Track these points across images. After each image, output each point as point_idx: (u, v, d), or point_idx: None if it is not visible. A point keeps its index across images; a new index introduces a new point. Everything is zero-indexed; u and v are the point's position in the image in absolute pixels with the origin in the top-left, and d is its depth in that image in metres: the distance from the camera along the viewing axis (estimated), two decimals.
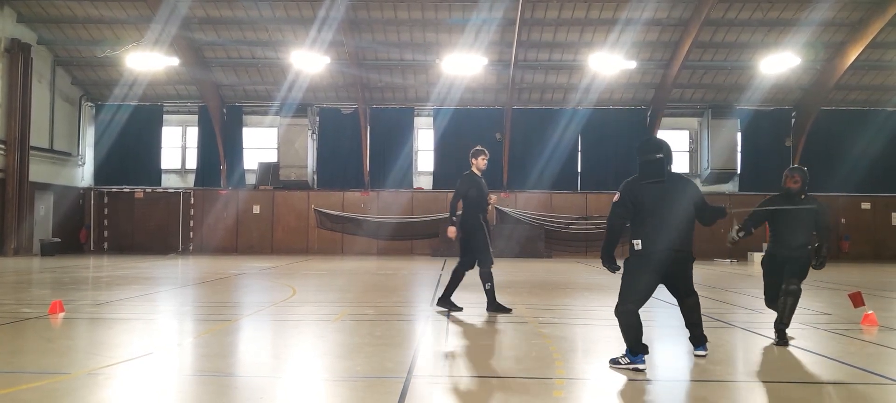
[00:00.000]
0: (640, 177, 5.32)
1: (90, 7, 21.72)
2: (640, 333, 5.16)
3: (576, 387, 4.65)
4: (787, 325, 6.35)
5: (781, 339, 6.30)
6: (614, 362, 5.28)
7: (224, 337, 6.51)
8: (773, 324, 6.46)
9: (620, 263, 5.33)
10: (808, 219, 6.48)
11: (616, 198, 5.34)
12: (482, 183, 8.34)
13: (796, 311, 6.75)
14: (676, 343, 6.23)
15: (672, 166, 5.39)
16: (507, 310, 8.21)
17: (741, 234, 6.59)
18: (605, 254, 5.38)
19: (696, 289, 5.53)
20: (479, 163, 8.42)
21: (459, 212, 8.44)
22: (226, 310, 8.74)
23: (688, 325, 5.60)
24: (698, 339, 5.61)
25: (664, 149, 5.32)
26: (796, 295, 6.36)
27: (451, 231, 8.31)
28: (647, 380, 4.93)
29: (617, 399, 4.46)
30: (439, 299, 8.50)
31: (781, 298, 6.38)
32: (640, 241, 5.20)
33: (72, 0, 21.48)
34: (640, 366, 5.14)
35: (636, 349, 5.14)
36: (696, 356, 5.59)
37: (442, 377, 4.97)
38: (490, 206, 8.46)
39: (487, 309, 8.22)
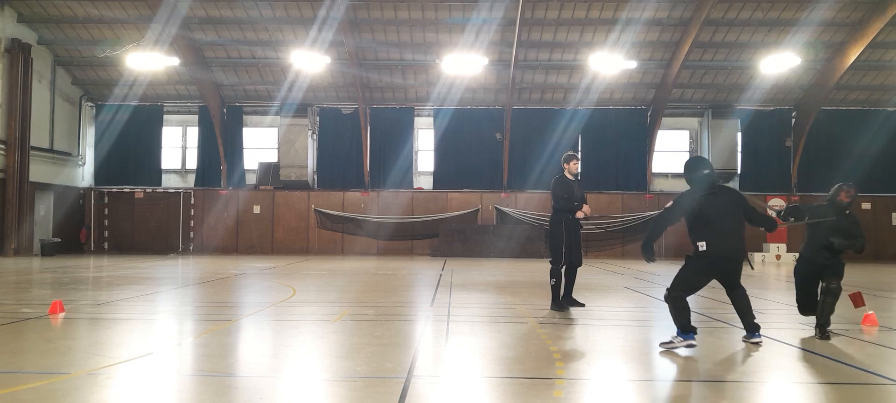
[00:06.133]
0: (694, 191, 6.18)
1: (90, 7, 21.72)
2: (689, 315, 5.96)
3: (576, 387, 4.65)
4: (826, 323, 6.67)
5: (823, 335, 6.60)
6: (666, 344, 5.94)
7: (224, 337, 6.51)
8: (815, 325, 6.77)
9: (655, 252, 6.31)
10: (845, 232, 6.87)
11: (669, 205, 6.24)
12: (573, 186, 8.58)
13: (796, 311, 6.81)
14: (674, 340, 6.22)
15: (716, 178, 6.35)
16: (565, 308, 8.41)
17: (782, 214, 7.22)
18: (646, 245, 6.27)
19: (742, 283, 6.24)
20: (571, 168, 8.67)
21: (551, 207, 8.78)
22: (226, 310, 8.74)
23: (739, 314, 6.31)
24: (750, 326, 6.21)
25: (708, 165, 6.33)
26: (836, 295, 6.73)
27: (586, 209, 8.57)
28: (647, 380, 4.94)
29: (617, 399, 4.46)
30: (563, 299, 8.53)
31: (821, 297, 6.80)
32: (704, 243, 6.01)
33: (72, 0, 21.49)
34: (693, 342, 5.89)
35: (687, 328, 5.91)
36: (751, 343, 6.17)
37: (442, 377, 4.97)
38: (582, 212, 8.55)
39: (551, 307, 8.53)
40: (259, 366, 5.42)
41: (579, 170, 8.96)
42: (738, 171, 25.62)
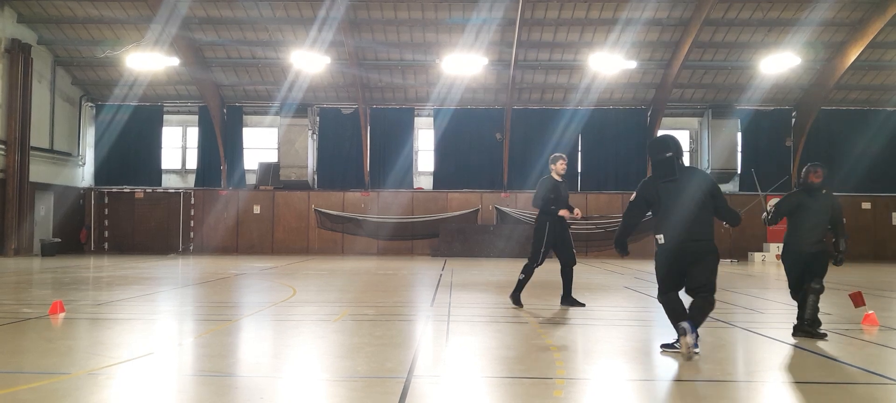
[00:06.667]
0: (654, 176, 5.67)
1: (90, 7, 21.73)
2: (684, 311, 5.53)
3: (576, 387, 4.65)
4: (809, 320, 6.60)
5: (810, 332, 6.55)
6: (668, 346, 5.70)
7: (224, 337, 6.51)
8: (797, 324, 6.69)
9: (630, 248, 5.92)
10: (825, 215, 6.74)
11: (632, 197, 5.76)
12: (560, 187, 8.70)
13: (796, 311, 6.82)
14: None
15: (683, 160, 5.70)
16: (519, 305, 8.66)
17: (769, 220, 7.01)
18: (617, 241, 5.91)
19: (714, 297, 5.53)
20: (558, 168, 8.75)
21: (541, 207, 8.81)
22: (226, 310, 8.74)
23: (690, 309, 5.52)
24: (691, 317, 5.41)
25: (672, 146, 5.62)
26: (819, 294, 6.65)
27: (577, 212, 8.68)
28: (647, 380, 4.94)
29: (617, 399, 4.46)
30: (563, 299, 8.89)
31: (805, 295, 6.67)
32: (662, 236, 5.53)
33: (72, 0, 21.49)
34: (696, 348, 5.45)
35: (685, 317, 5.44)
36: (680, 325, 5.35)
37: (442, 377, 4.97)
38: (571, 214, 8.70)
39: (511, 295, 8.86)
40: (259, 366, 5.42)
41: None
42: (738, 171, 25.63)
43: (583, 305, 8.79)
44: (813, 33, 22.13)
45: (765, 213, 7.09)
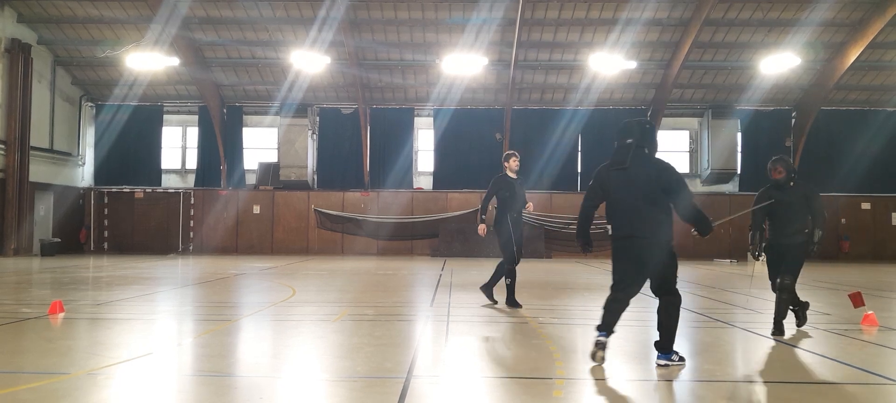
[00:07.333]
0: (609, 163, 5.32)
1: (90, 7, 21.72)
2: (610, 317, 5.26)
3: (576, 387, 4.65)
4: (783, 317, 6.67)
5: (778, 330, 6.65)
6: (663, 361, 5.25)
7: (224, 337, 6.51)
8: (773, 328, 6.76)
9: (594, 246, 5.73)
10: (801, 205, 6.73)
11: (591, 182, 5.46)
12: (515, 184, 8.83)
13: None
14: (676, 344, 6.21)
15: (651, 149, 5.22)
16: (518, 306, 8.64)
17: (758, 252, 6.99)
18: (577, 234, 5.65)
19: (678, 291, 5.21)
20: (511, 165, 8.94)
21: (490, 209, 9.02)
22: (226, 310, 8.74)
23: (657, 326, 5.24)
24: (661, 346, 5.20)
25: (635, 132, 5.18)
26: (789, 291, 6.66)
27: (481, 228, 8.94)
28: (647, 380, 4.93)
29: (616, 399, 4.46)
30: (482, 286, 9.12)
31: (777, 294, 6.72)
32: (611, 226, 5.30)
33: (72, 0, 21.48)
34: (603, 339, 5.21)
35: (604, 326, 5.24)
36: (656, 363, 5.24)
37: (441, 377, 4.97)
38: (525, 209, 8.92)
39: (506, 303, 8.74)
40: (259, 366, 5.42)
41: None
42: (738, 171, 25.62)
43: (495, 302, 8.90)
44: (813, 33, 22.12)
45: (753, 254, 7.05)
